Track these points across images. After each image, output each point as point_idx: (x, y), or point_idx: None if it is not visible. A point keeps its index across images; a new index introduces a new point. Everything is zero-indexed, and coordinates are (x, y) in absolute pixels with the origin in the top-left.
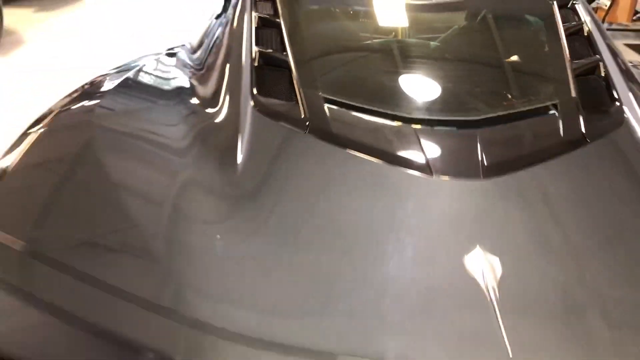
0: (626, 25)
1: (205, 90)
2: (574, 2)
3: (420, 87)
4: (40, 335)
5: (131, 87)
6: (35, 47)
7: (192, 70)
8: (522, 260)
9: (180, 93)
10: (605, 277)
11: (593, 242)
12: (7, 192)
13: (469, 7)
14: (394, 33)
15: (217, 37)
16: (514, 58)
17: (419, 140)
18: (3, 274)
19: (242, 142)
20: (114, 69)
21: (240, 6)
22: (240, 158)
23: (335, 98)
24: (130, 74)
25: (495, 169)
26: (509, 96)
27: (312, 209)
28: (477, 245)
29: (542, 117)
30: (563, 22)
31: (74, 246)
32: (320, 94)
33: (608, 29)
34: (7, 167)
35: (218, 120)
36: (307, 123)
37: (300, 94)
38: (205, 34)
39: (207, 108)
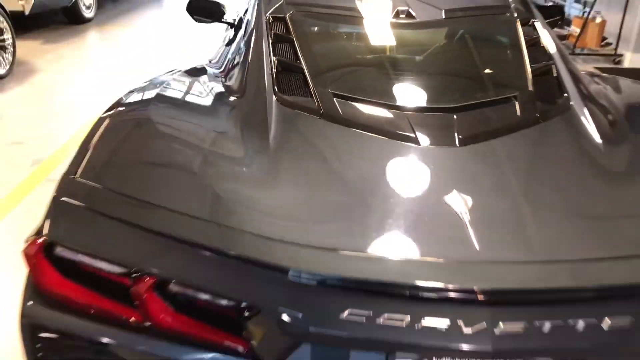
0: (595, 50)
1: (239, 91)
2: (534, 20)
3: (409, 84)
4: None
5: (173, 89)
6: (46, 76)
7: (223, 78)
8: (484, 192)
9: (218, 93)
10: (542, 201)
11: (536, 182)
12: (100, 149)
13: (451, 24)
14: (385, 43)
15: (240, 52)
16: (485, 62)
17: (409, 121)
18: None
19: (271, 124)
20: (147, 81)
21: (257, 27)
22: (272, 134)
23: (340, 93)
24: (169, 80)
25: (467, 140)
26: (480, 90)
27: (328, 165)
28: (453, 186)
29: (505, 105)
30: (525, 36)
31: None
32: (329, 90)
33: (579, 54)
34: (96, 134)
35: (252, 110)
36: (321, 111)
37: (313, 91)
38: (224, 54)
39: (242, 103)
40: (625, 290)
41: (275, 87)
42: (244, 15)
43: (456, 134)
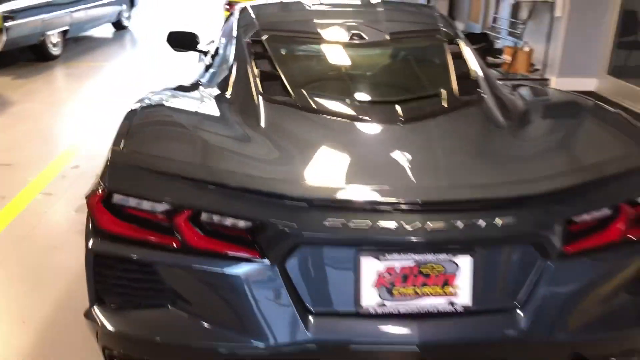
0: (526, 76)
1: (233, 95)
2: (457, 39)
3: (363, 85)
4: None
5: (180, 93)
6: (23, 106)
7: (215, 87)
8: (419, 150)
9: (215, 96)
10: (455, 150)
11: (452, 142)
12: (135, 129)
13: (393, 43)
14: (343, 56)
15: (226, 68)
16: (420, 70)
17: (365, 109)
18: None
19: (260, 114)
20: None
21: (238, 48)
22: (262, 119)
23: (311, 92)
24: (171, 90)
25: (408, 120)
26: (415, 89)
27: (307, 135)
28: (398, 146)
29: (434, 98)
30: (450, 51)
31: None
32: (303, 90)
33: (512, 79)
34: (131, 119)
35: (245, 107)
36: (298, 104)
37: (291, 91)
38: (209, 72)
39: (235, 102)
40: (505, 200)
41: (260, 90)
42: (221, 41)
43: (399, 116)
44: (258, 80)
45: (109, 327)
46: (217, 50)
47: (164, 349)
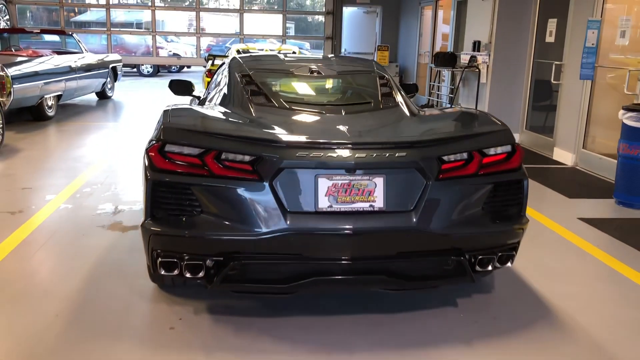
0: None
1: (232, 101)
2: (385, 76)
3: (320, 98)
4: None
5: (196, 104)
6: (29, 152)
7: (217, 101)
8: (352, 124)
9: (219, 105)
10: (377, 126)
11: (377, 124)
12: (174, 115)
13: (340, 76)
14: (305, 82)
15: (225, 91)
16: (358, 91)
17: (322, 109)
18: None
19: (252, 110)
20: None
21: (233, 79)
22: (253, 112)
23: (286, 101)
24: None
25: (348, 113)
26: (354, 100)
27: (282, 118)
28: (341, 124)
29: (367, 104)
30: (380, 82)
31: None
32: (281, 100)
33: None
34: (170, 112)
35: (241, 107)
36: (276, 105)
37: (271, 100)
38: (208, 96)
39: (235, 108)
40: (404, 143)
41: (250, 99)
42: (217, 79)
43: (343, 111)
44: (248, 94)
45: (159, 231)
46: (214, 84)
47: (197, 242)
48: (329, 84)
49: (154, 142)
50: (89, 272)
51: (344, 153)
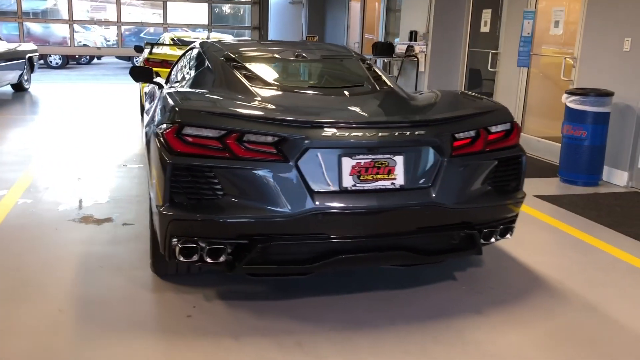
0: None
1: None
2: (366, 60)
3: (313, 79)
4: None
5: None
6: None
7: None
8: (363, 104)
9: (207, 88)
10: (377, 107)
11: (374, 105)
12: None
13: (324, 60)
14: (293, 65)
15: (206, 75)
16: (346, 72)
17: (325, 90)
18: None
19: (254, 94)
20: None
21: (217, 62)
22: (256, 95)
23: (285, 84)
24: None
25: (353, 94)
26: (350, 82)
27: (296, 101)
28: (348, 105)
29: (363, 86)
30: (364, 65)
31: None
32: (279, 82)
33: None
34: (177, 94)
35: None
36: (277, 87)
37: (272, 83)
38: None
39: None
40: (421, 121)
41: (250, 83)
42: (191, 64)
43: (346, 93)
44: (243, 78)
45: (179, 216)
46: (180, 70)
47: (221, 225)
48: (319, 67)
49: (170, 124)
50: (78, 265)
51: (368, 132)
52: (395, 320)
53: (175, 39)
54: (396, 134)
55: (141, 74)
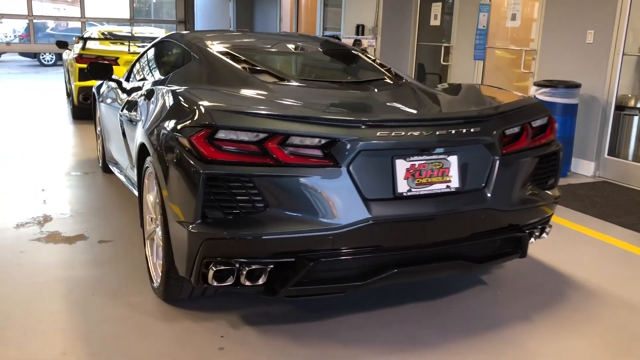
0: None
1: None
2: (365, 54)
3: (324, 73)
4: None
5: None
6: None
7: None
8: (399, 100)
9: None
10: (427, 101)
11: (419, 97)
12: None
13: (326, 52)
14: (294, 57)
15: (193, 70)
16: (355, 66)
17: (347, 84)
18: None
19: (269, 90)
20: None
21: (207, 56)
22: (271, 91)
23: (298, 78)
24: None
25: (379, 89)
26: (365, 76)
27: (311, 93)
28: (387, 99)
29: (386, 81)
30: (361, 54)
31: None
32: (291, 77)
33: None
34: (190, 92)
35: (255, 89)
36: (293, 82)
37: (285, 78)
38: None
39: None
40: (475, 118)
41: (259, 79)
42: (173, 55)
43: (373, 88)
44: (249, 72)
45: (215, 235)
46: (149, 66)
47: (264, 243)
48: (323, 61)
49: (199, 127)
50: (67, 295)
51: (425, 131)
52: (447, 334)
53: (106, 33)
54: (452, 131)
55: (100, 71)
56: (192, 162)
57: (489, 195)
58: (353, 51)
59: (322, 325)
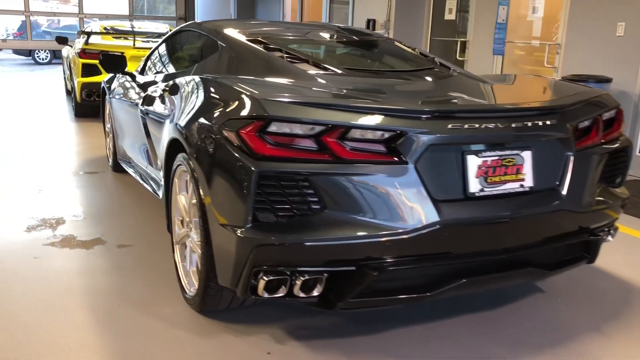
0: None
1: (273, 72)
2: (401, 42)
3: (370, 63)
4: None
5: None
6: None
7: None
8: (464, 90)
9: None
10: (491, 91)
11: (482, 88)
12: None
13: (368, 42)
14: (339, 48)
15: (225, 60)
16: (398, 55)
17: (404, 74)
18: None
19: (317, 80)
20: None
21: (237, 46)
22: (321, 81)
23: (348, 68)
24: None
25: (436, 79)
26: (415, 65)
27: (397, 86)
28: (451, 89)
29: (438, 70)
30: (398, 42)
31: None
32: (341, 67)
33: None
34: (237, 81)
35: (301, 79)
36: (342, 72)
37: (334, 68)
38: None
39: (281, 75)
40: (550, 109)
41: (306, 68)
42: (195, 46)
43: (429, 77)
44: (296, 62)
45: (269, 241)
46: (168, 57)
47: (322, 249)
48: (362, 49)
49: (249, 120)
50: (91, 306)
51: (499, 123)
52: (518, 350)
53: (108, 27)
54: (529, 124)
55: (113, 64)
56: (241, 158)
57: (563, 195)
58: (390, 40)
59: (378, 339)
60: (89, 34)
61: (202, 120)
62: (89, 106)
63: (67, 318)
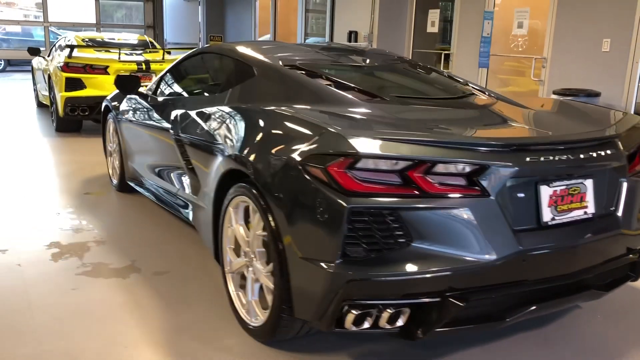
0: None
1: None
2: (420, 65)
3: (411, 89)
4: None
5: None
6: None
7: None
8: (521, 120)
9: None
10: (546, 120)
11: (534, 116)
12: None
13: (393, 65)
14: (366, 72)
15: (257, 87)
16: (427, 78)
17: (456, 102)
18: None
19: (367, 108)
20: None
21: (274, 71)
22: (373, 111)
23: (392, 96)
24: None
25: (482, 107)
26: (453, 92)
27: (451, 115)
28: (508, 119)
29: (475, 95)
30: (420, 66)
31: None
32: (384, 94)
33: None
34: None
35: (347, 107)
36: (388, 100)
37: (378, 95)
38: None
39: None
40: (608, 138)
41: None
42: (222, 70)
43: (480, 106)
44: (339, 89)
45: (359, 275)
46: (210, 81)
47: (409, 282)
48: (400, 75)
49: (337, 156)
50: (146, 341)
51: (570, 154)
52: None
53: (87, 39)
54: (594, 154)
55: (128, 84)
56: (330, 194)
57: (619, 219)
58: (413, 62)
59: None
60: (72, 46)
61: (275, 153)
62: (72, 121)
63: (132, 356)
